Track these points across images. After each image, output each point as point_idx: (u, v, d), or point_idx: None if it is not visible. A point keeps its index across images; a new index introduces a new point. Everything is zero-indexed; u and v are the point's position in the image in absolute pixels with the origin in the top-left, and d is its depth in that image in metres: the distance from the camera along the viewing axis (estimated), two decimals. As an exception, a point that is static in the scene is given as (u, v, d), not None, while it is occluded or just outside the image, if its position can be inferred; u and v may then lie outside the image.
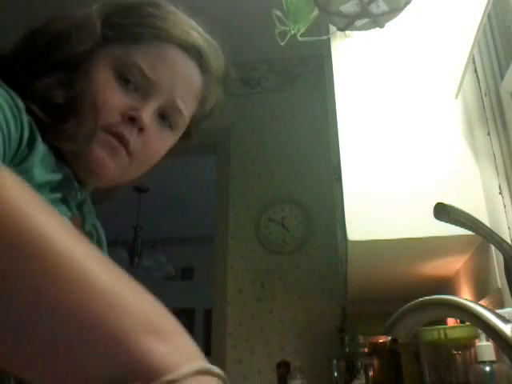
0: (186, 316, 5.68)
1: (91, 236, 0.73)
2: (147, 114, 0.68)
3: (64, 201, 0.65)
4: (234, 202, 2.81)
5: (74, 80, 0.66)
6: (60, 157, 0.65)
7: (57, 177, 0.63)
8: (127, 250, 4.25)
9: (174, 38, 0.70)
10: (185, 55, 0.71)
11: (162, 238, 4.95)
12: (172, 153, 0.79)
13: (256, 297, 2.63)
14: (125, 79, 0.68)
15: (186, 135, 0.79)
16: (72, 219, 0.65)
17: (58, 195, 0.63)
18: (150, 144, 0.70)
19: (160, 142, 0.72)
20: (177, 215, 4.92)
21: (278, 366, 2.32)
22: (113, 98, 0.67)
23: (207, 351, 4.70)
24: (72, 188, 0.67)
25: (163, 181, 4.25)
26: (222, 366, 2.55)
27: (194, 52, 0.72)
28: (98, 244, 0.76)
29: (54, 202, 0.61)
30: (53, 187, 0.62)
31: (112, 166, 0.67)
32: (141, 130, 0.68)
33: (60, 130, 0.64)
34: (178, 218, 4.99)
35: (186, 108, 0.73)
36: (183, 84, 0.72)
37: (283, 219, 2.75)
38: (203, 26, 0.76)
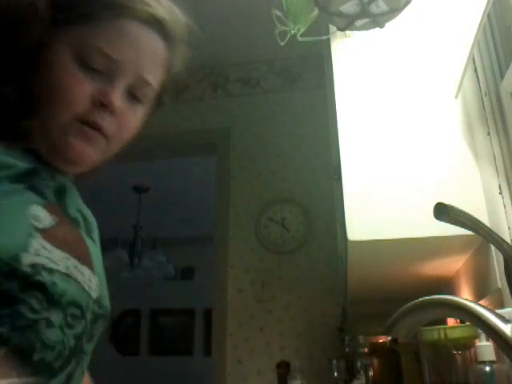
0: (185, 316, 5.69)
1: (76, 221, 0.71)
2: (116, 96, 0.67)
3: (33, 189, 0.63)
4: (234, 202, 2.81)
5: (31, 73, 0.64)
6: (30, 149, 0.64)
7: (18, 168, 0.61)
8: (127, 249, 4.25)
9: (131, 12, 0.67)
10: (145, 28, 0.69)
11: (162, 237, 4.94)
12: (148, 121, 0.80)
13: (256, 297, 2.63)
14: (86, 64, 0.65)
15: (159, 102, 0.79)
16: (47, 206, 0.62)
17: (21, 186, 0.61)
18: (124, 122, 0.70)
19: (133, 117, 0.72)
20: (177, 215, 4.91)
21: (278, 366, 2.32)
22: (78, 86, 0.64)
23: (207, 351, 4.71)
24: (41, 178, 0.65)
25: (163, 181, 4.25)
26: (222, 365, 2.55)
27: (155, 23, 0.69)
28: (87, 229, 0.73)
29: (15, 192, 0.59)
30: (13, 178, 0.60)
31: (92, 153, 0.68)
32: (112, 112, 0.67)
33: (23, 128, 0.64)
34: (178, 218, 4.98)
35: (154, 79, 0.72)
36: (148, 58, 0.70)
37: (283, 219, 2.75)
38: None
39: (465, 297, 1.31)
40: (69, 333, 0.59)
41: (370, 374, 1.68)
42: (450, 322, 1.25)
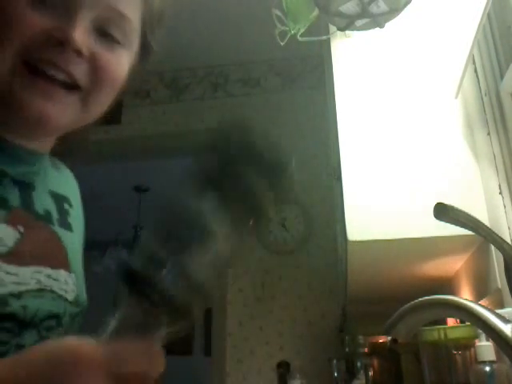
0: (185, 316, 5.68)
1: (47, 216, 0.62)
2: (79, 32, 0.52)
3: None
4: (234, 201, 2.81)
5: None
6: None
7: None
8: (127, 250, 4.25)
9: None
10: None
11: (162, 237, 4.94)
12: (138, 75, 0.65)
13: (256, 297, 2.63)
14: None
15: (145, 47, 0.64)
16: (9, 217, 0.54)
17: None
18: (102, 65, 0.55)
19: (112, 60, 0.56)
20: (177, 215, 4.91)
21: (278, 365, 2.33)
22: (25, 17, 0.51)
23: (207, 351, 4.70)
24: None
25: (163, 181, 4.24)
26: (221, 365, 2.55)
27: None
28: (61, 215, 0.65)
29: None
30: None
31: (56, 112, 0.53)
32: (78, 53, 0.52)
33: None
34: (177, 218, 4.98)
35: (129, 10, 0.57)
36: None
37: (283, 219, 2.75)
38: None
39: (465, 297, 1.31)
40: None
41: (370, 374, 1.69)
42: (450, 322, 1.25)
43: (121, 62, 0.58)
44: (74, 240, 0.67)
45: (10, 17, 0.51)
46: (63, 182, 0.70)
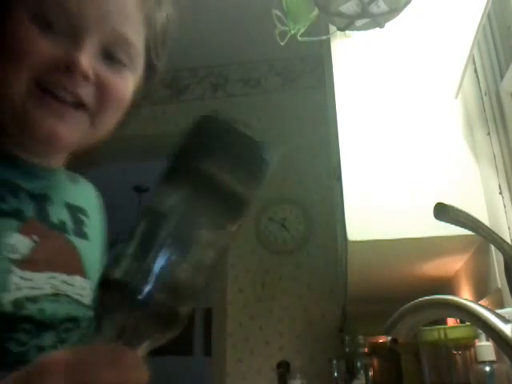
0: (186, 316, 5.68)
1: (62, 225, 0.64)
2: (85, 56, 0.56)
3: (4, 213, 0.56)
4: (234, 201, 2.81)
5: None
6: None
7: None
8: (127, 249, 4.25)
9: None
10: None
11: (162, 238, 4.94)
12: (145, 97, 0.69)
13: (256, 297, 2.63)
14: (47, 24, 0.56)
15: (150, 68, 0.66)
16: (24, 227, 0.57)
17: None
18: (106, 89, 0.59)
19: (118, 83, 0.60)
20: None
21: (278, 365, 2.33)
22: (36, 45, 0.55)
23: (207, 351, 4.71)
24: (12, 186, 0.58)
25: (163, 181, 4.24)
26: (222, 365, 2.55)
27: None
28: (77, 226, 0.67)
29: None
30: None
31: (66, 131, 0.57)
32: (84, 77, 0.56)
33: None
34: (178, 218, 4.98)
35: (132, 34, 0.60)
36: (115, 7, 0.59)
37: (283, 219, 2.75)
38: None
39: (465, 297, 1.31)
40: (63, 347, 0.58)
41: (370, 374, 1.69)
42: (450, 322, 1.25)
43: (126, 84, 0.62)
44: (91, 248, 0.70)
45: (23, 44, 0.55)
46: (80, 194, 0.74)
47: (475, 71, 1.19)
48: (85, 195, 0.75)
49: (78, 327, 0.61)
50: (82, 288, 0.63)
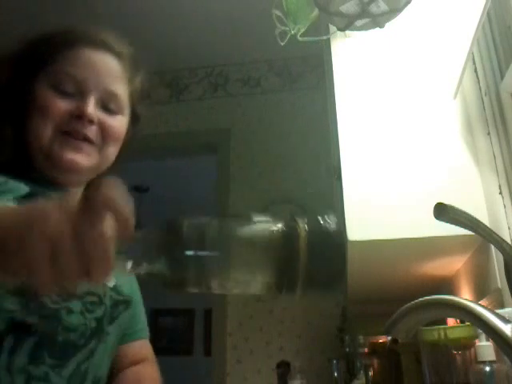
0: (185, 316, 5.68)
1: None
2: (90, 107, 0.82)
3: None
4: (234, 202, 2.81)
5: (24, 116, 0.81)
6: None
7: (24, 190, 0.73)
8: (127, 249, 4.24)
9: (86, 40, 0.85)
10: (99, 51, 0.86)
11: (162, 237, 4.94)
12: (133, 137, 0.93)
13: (256, 297, 2.63)
14: (60, 89, 0.82)
15: (134, 114, 0.93)
16: None
17: None
18: (106, 128, 0.84)
19: (114, 124, 0.86)
20: (177, 215, 4.91)
21: (278, 366, 2.32)
22: (55, 105, 0.81)
23: (207, 351, 4.70)
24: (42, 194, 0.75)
25: (163, 181, 4.25)
26: (222, 366, 2.55)
27: (106, 46, 0.87)
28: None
29: None
30: (19, 199, 0.71)
31: (82, 160, 0.81)
32: (90, 121, 0.81)
33: (23, 153, 0.81)
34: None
35: (118, 89, 0.87)
36: (106, 73, 0.86)
37: (283, 219, 2.75)
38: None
39: (465, 297, 1.31)
40: (90, 316, 0.76)
41: (370, 374, 1.68)
42: (450, 322, 1.25)
43: (120, 124, 0.88)
44: None
45: (45, 106, 0.81)
46: None
47: (475, 71, 1.19)
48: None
49: (102, 303, 0.78)
50: None
